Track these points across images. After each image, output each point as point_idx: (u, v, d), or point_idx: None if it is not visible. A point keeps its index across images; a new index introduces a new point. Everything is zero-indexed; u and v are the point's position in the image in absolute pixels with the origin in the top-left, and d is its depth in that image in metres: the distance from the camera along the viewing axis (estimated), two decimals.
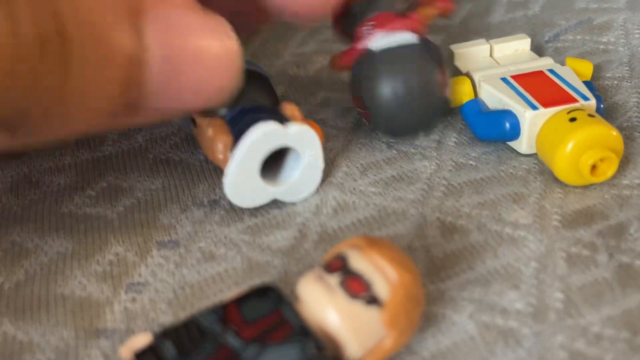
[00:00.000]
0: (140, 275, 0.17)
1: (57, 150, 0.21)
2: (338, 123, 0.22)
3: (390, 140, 0.21)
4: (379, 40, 0.20)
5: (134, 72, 0.14)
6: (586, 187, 0.18)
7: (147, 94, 0.15)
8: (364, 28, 0.20)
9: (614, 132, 0.18)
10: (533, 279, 0.15)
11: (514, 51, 0.23)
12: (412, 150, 0.21)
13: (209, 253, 0.17)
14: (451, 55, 0.23)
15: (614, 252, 0.16)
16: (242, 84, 0.17)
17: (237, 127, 0.17)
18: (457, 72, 0.22)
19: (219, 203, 0.19)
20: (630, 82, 0.22)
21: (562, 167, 0.18)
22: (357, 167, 0.20)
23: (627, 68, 0.23)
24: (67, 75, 0.13)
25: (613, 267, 0.16)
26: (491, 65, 0.22)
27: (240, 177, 0.17)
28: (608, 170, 0.18)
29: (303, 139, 0.17)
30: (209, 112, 0.18)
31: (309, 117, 0.22)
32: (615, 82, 0.22)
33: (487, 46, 0.23)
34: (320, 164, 0.18)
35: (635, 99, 0.21)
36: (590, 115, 0.18)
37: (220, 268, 0.17)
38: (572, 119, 0.18)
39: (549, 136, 0.18)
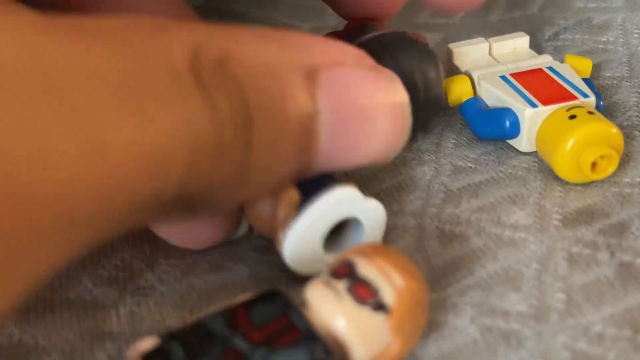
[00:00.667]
0: (146, 280, 0.17)
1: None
2: None
3: None
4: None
5: (308, 139, 0.15)
6: (587, 185, 0.18)
7: (319, 156, 0.15)
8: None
9: (614, 129, 0.18)
10: (534, 280, 0.16)
11: (512, 49, 0.23)
12: (410, 155, 0.21)
13: (216, 265, 0.17)
14: (450, 54, 0.23)
15: (615, 250, 0.16)
16: None
17: (307, 186, 0.15)
18: (456, 71, 0.22)
19: None
20: (630, 82, 0.22)
21: (562, 164, 0.18)
22: (356, 180, 0.20)
23: (626, 68, 0.23)
24: (249, 154, 0.14)
25: (614, 266, 0.16)
26: (490, 63, 0.22)
27: (304, 240, 0.15)
28: (608, 167, 0.18)
29: (375, 217, 0.16)
30: None
31: None
32: (615, 81, 0.23)
33: (486, 44, 0.23)
34: None
35: (635, 98, 0.22)
36: (590, 113, 0.18)
37: (227, 279, 0.17)
38: (572, 117, 0.18)
39: (549, 134, 0.18)
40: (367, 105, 0.15)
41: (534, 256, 0.16)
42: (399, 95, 0.15)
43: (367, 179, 0.20)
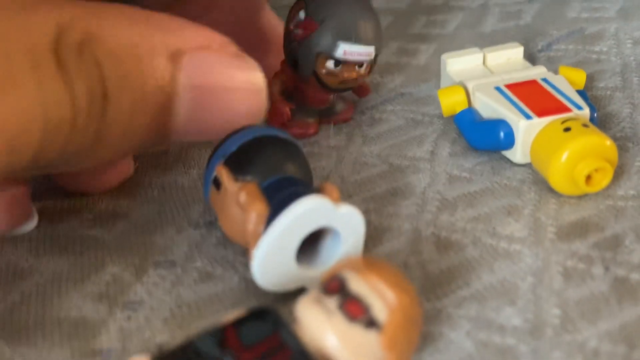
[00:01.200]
0: (135, 293, 0.17)
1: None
2: (330, 142, 0.22)
3: (383, 153, 0.21)
4: None
5: (165, 115, 0.16)
6: (581, 197, 0.18)
7: (176, 127, 0.16)
8: None
9: (608, 142, 0.18)
10: (530, 294, 0.15)
11: (506, 59, 0.23)
12: (406, 163, 0.21)
13: (205, 273, 0.17)
14: (444, 63, 0.23)
15: (610, 264, 0.16)
16: (276, 153, 0.16)
17: (277, 197, 0.15)
18: (450, 81, 0.22)
19: (214, 225, 0.19)
20: (623, 93, 0.22)
21: (557, 177, 0.18)
22: (351, 184, 0.20)
23: (619, 78, 0.23)
24: (103, 127, 0.15)
25: (609, 281, 0.16)
26: (484, 74, 0.22)
27: (274, 256, 0.14)
28: (603, 180, 0.18)
29: (350, 223, 0.15)
30: (241, 175, 0.16)
31: (301, 138, 0.22)
32: (609, 92, 0.23)
33: (480, 55, 0.23)
34: (359, 255, 0.16)
35: (629, 110, 0.22)
36: (585, 125, 0.18)
37: (217, 288, 0.17)
38: (567, 129, 0.18)
39: (544, 146, 0.18)
40: (225, 86, 0.16)
41: (529, 269, 0.16)
42: (256, 77, 0.17)
43: (361, 184, 0.20)
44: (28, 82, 0.14)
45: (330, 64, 0.19)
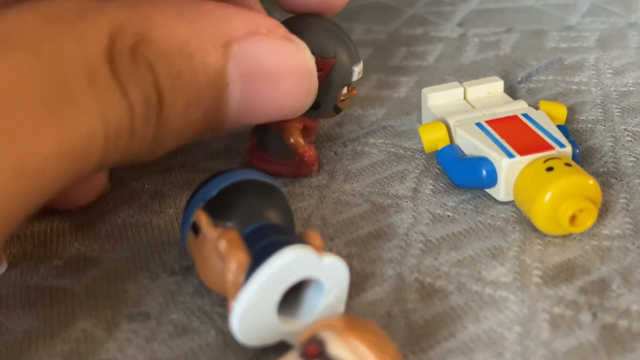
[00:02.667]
0: (107, 351, 0.16)
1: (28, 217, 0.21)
2: (312, 182, 0.21)
3: (365, 190, 0.21)
4: None
5: (218, 106, 0.16)
6: (566, 237, 0.18)
7: (229, 115, 0.16)
8: None
9: (591, 181, 0.17)
10: (517, 345, 0.15)
11: (487, 93, 0.23)
12: (388, 202, 0.20)
13: (181, 326, 0.16)
14: (425, 98, 0.22)
15: (598, 311, 0.16)
16: (258, 199, 0.16)
17: (258, 245, 0.14)
18: (431, 115, 0.22)
19: (191, 271, 0.18)
20: (604, 125, 0.22)
21: (540, 217, 0.18)
22: (333, 226, 0.19)
23: (600, 110, 0.23)
24: (160, 126, 0.15)
25: (597, 329, 0.15)
26: (465, 108, 0.22)
27: (254, 309, 0.14)
28: (587, 220, 0.17)
29: (334, 274, 0.15)
30: (221, 221, 0.15)
31: (282, 178, 0.22)
32: (590, 125, 0.22)
33: (461, 89, 0.23)
34: (341, 308, 0.15)
35: (610, 143, 0.21)
36: (567, 164, 0.18)
37: (193, 343, 0.16)
38: (549, 169, 0.18)
39: (527, 186, 0.18)
40: (275, 71, 0.16)
41: (515, 318, 0.16)
42: (305, 59, 0.17)
43: (343, 226, 0.19)
44: (86, 97, 0.14)
45: (344, 90, 0.20)
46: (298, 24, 0.19)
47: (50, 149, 0.13)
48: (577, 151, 0.19)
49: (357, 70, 0.20)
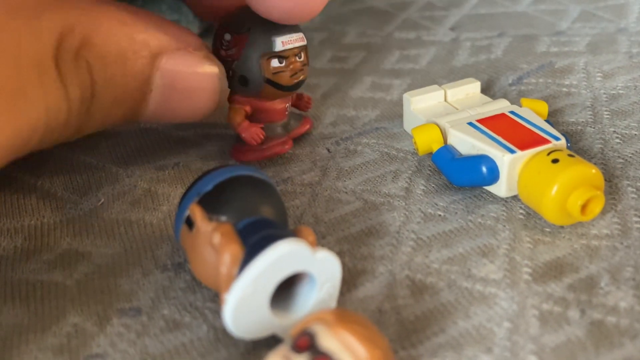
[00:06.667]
0: (99, 345, 0.16)
1: (18, 210, 0.21)
2: (304, 179, 0.22)
3: (357, 188, 0.21)
4: None
5: (137, 106, 0.18)
6: (555, 236, 0.18)
7: (146, 114, 0.19)
8: None
9: (594, 170, 0.18)
10: (506, 340, 0.15)
11: (465, 95, 0.23)
12: (380, 200, 0.20)
13: (173, 321, 0.16)
14: (407, 102, 0.23)
15: (586, 307, 0.16)
16: (253, 194, 0.16)
17: (252, 239, 0.15)
18: (415, 119, 0.22)
19: (183, 267, 0.18)
20: (594, 128, 0.23)
21: (550, 209, 0.18)
22: (325, 223, 0.19)
23: (590, 113, 0.23)
24: (88, 117, 0.17)
25: (585, 325, 0.15)
26: (449, 110, 0.22)
27: (247, 301, 0.14)
28: (596, 208, 0.18)
29: (327, 269, 0.15)
30: (215, 215, 0.15)
31: (276, 176, 0.22)
32: (579, 127, 0.23)
33: (441, 91, 0.23)
34: (333, 304, 0.15)
35: (600, 145, 0.22)
36: (570, 155, 0.18)
37: (185, 338, 0.16)
38: (555, 160, 0.18)
39: (533, 179, 0.18)
40: (191, 85, 0.19)
41: (505, 314, 0.16)
42: (220, 78, 0.20)
43: (335, 223, 0.19)
44: (36, 92, 0.15)
45: (275, 62, 0.20)
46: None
47: (4, 138, 0.14)
48: (569, 144, 0.20)
49: (282, 40, 0.20)
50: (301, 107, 0.23)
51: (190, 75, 0.19)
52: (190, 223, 0.16)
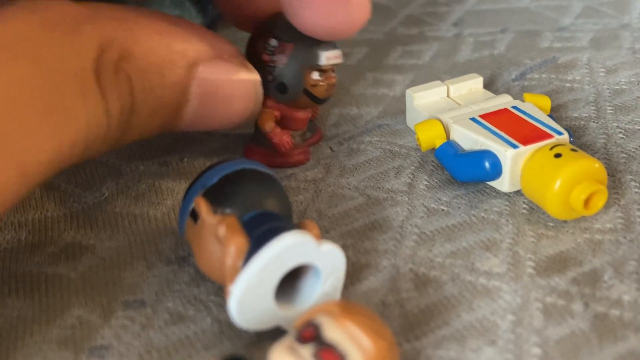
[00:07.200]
0: (103, 337, 0.16)
1: (22, 204, 0.21)
2: (307, 176, 0.22)
3: (360, 185, 0.21)
4: None
5: (175, 116, 0.18)
6: (558, 230, 0.18)
7: (183, 124, 0.19)
8: None
9: (597, 164, 0.18)
10: (509, 333, 0.15)
11: (468, 90, 0.23)
12: (383, 195, 0.20)
13: (177, 314, 0.16)
14: (410, 98, 0.23)
15: (589, 301, 0.16)
16: (258, 188, 0.16)
17: (257, 232, 0.15)
18: (418, 115, 0.22)
19: (187, 260, 0.18)
20: (597, 123, 0.23)
21: (554, 204, 0.18)
22: (328, 218, 0.19)
23: (593, 107, 0.23)
24: (127, 129, 0.17)
25: (589, 318, 0.15)
26: (452, 105, 0.22)
27: (252, 293, 0.14)
28: (599, 202, 0.18)
29: (331, 262, 0.15)
30: (220, 208, 0.15)
31: (279, 172, 0.22)
32: (582, 122, 0.23)
33: (444, 87, 0.23)
34: (337, 297, 0.15)
35: (603, 140, 0.22)
36: (573, 150, 0.18)
37: (189, 331, 0.16)
38: (557, 155, 0.18)
39: (537, 174, 0.18)
40: (228, 93, 0.19)
41: (508, 307, 0.16)
42: (255, 84, 0.19)
43: (339, 218, 0.19)
44: (77, 107, 0.15)
45: (315, 75, 0.21)
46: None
47: (47, 154, 0.14)
48: (572, 139, 0.20)
49: (327, 55, 0.20)
50: (310, 117, 0.23)
51: (227, 83, 0.19)
52: (195, 216, 0.16)
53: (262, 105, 0.21)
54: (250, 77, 0.19)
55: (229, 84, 0.19)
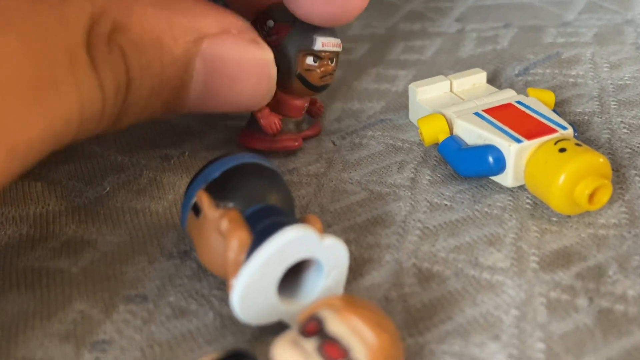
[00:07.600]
0: (105, 332, 0.16)
1: (23, 198, 0.21)
2: (309, 170, 0.22)
3: (363, 179, 0.21)
4: None
5: (178, 95, 0.17)
6: (562, 225, 0.18)
7: (189, 103, 0.17)
8: None
9: (601, 159, 0.18)
10: (513, 328, 0.15)
11: (472, 85, 0.23)
12: (386, 190, 0.20)
13: (179, 308, 0.16)
14: (413, 93, 0.23)
15: (594, 296, 0.16)
16: (260, 182, 0.16)
17: (259, 226, 0.14)
18: (421, 109, 0.22)
19: (189, 255, 0.18)
20: (601, 118, 0.22)
21: (558, 199, 0.18)
22: (331, 213, 0.19)
23: (597, 103, 0.23)
24: (125, 108, 0.16)
25: (593, 313, 0.15)
26: (455, 100, 0.22)
27: (255, 287, 0.14)
28: (603, 197, 0.18)
29: (334, 256, 0.15)
30: (223, 201, 0.15)
31: (281, 166, 0.22)
32: (586, 117, 0.23)
33: (447, 82, 0.23)
34: (340, 291, 0.15)
35: (607, 135, 0.22)
36: (577, 144, 0.18)
37: (191, 325, 0.16)
38: (562, 150, 0.18)
39: (541, 169, 0.18)
40: (236, 71, 0.17)
41: (512, 302, 0.16)
42: (267, 64, 0.18)
43: (341, 213, 0.19)
44: (68, 82, 0.14)
45: (309, 60, 0.20)
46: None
47: (37, 131, 0.14)
48: (576, 134, 0.20)
49: (322, 41, 0.20)
50: (313, 113, 0.23)
51: (235, 60, 0.17)
52: (197, 210, 0.16)
53: None
54: (262, 54, 0.18)
55: (237, 61, 0.17)
